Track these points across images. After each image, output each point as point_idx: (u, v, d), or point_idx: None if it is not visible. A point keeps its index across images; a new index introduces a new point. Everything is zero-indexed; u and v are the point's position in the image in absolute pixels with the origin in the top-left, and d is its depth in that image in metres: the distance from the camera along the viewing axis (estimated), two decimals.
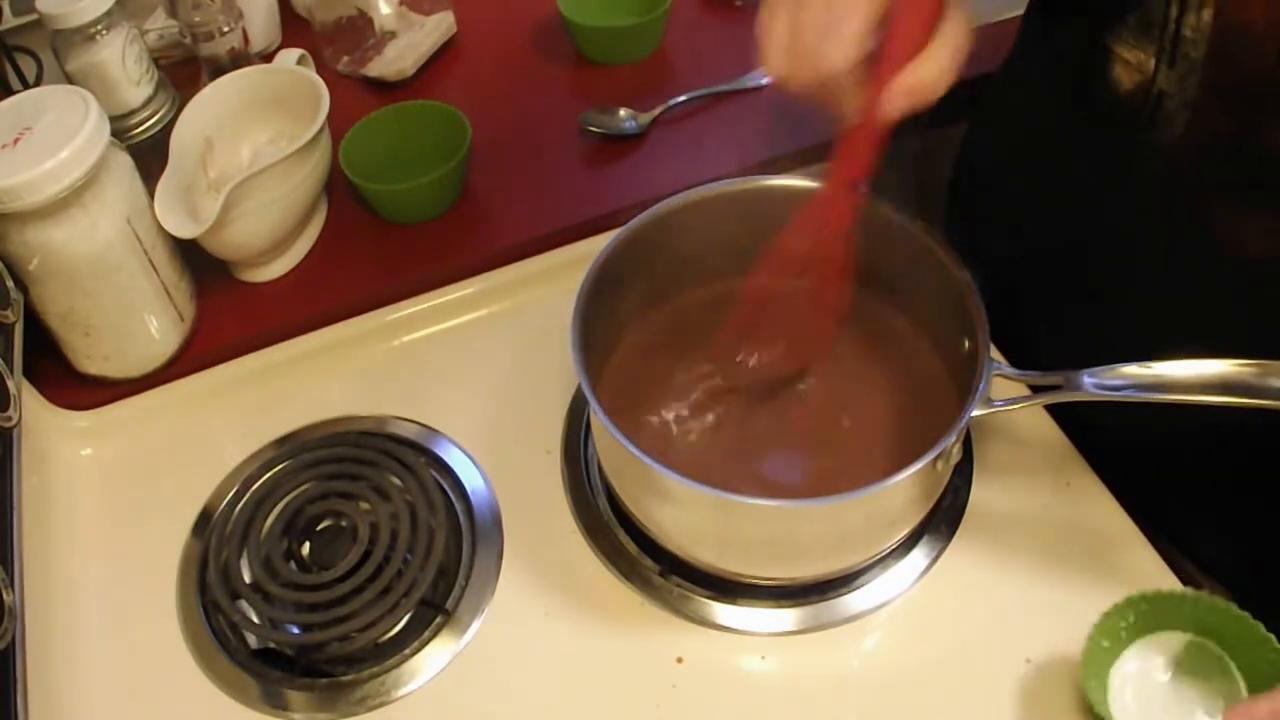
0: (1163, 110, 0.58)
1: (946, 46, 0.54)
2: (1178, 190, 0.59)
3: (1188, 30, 0.54)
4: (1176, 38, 0.55)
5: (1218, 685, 0.57)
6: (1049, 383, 0.57)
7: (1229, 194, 0.58)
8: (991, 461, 0.69)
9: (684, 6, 1.00)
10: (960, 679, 0.60)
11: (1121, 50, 0.59)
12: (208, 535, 0.69)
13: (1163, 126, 0.58)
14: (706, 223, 0.68)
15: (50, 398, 0.75)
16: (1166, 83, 0.57)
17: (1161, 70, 0.57)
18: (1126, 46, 0.59)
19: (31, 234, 0.67)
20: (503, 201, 0.87)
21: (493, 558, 0.67)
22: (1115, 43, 0.59)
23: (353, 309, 0.80)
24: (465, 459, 0.72)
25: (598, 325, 0.64)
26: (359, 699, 0.62)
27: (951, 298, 0.61)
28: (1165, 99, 0.57)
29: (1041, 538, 0.65)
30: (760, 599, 0.64)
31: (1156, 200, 0.61)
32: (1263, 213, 0.57)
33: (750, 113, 0.91)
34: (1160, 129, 0.58)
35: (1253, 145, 0.55)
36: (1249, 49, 0.53)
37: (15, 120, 0.67)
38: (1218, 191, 0.58)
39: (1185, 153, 0.58)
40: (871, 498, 0.56)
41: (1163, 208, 0.61)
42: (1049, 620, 0.62)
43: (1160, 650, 0.58)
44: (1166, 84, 0.57)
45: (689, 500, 0.57)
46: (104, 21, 0.83)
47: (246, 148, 0.85)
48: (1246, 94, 0.54)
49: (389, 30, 0.98)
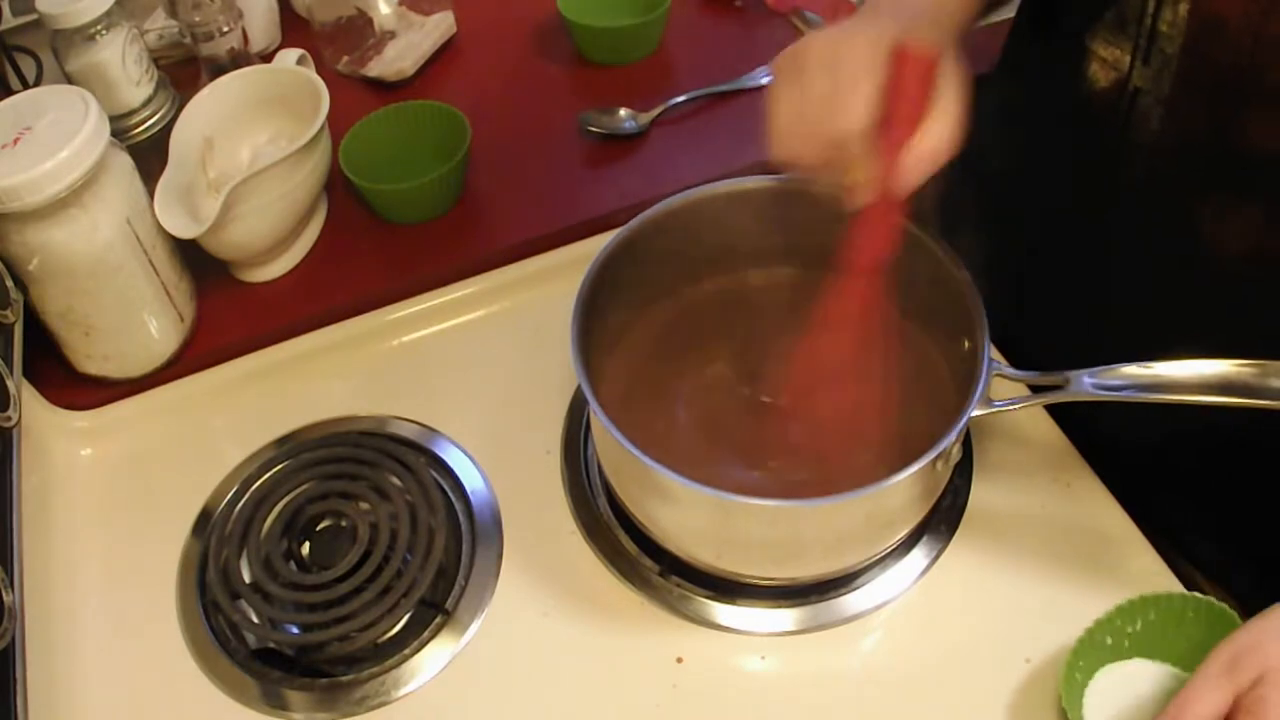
0: (1137, 108, 0.58)
1: (951, 105, 0.53)
2: (1158, 190, 0.59)
3: (1164, 25, 0.54)
4: (1153, 33, 0.55)
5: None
6: (1049, 383, 0.57)
7: (1208, 192, 0.58)
8: (991, 461, 0.69)
9: (684, 6, 1.00)
10: (960, 679, 0.60)
11: (1098, 48, 0.59)
12: (208, 535, 0.69)
13: (1139, 125, 0.58)
14: (707, 223, 0.68)
15: (50, 398, 0.75)
16: (1142, 79, 0.57)
17: (1136, 67, 0.57)
18: (1103, 44, 0.59)
19: (31, 234, 0.67)
20: (503, 201, 0.87)
21: (492, 558, 0.67)
22: (1092, 41, 0.59)
23: (353, 309, 0.80)
24: (465, 459, 0.72)
25: (598, 325, 0.64)
26: (358, 699, 0.62)
27: (951, 297, 0.61)
28: (1140, 95, 0.57)
29: (1041, 538, 0.65)
30: (760, 599, 0.64)
31: (1139, 200, 0.61)
32: (1241, 210, 0.57)
33: (750, 113, 0.91)
34: (1136, 127, 0.58)
35: (1227, 142, 0.55)
36: (1224, 42, 0.53)
37: (15, 120, 0.67)
38: (1198, 190, 0.58)
39: (1162, 151, 0.58)
40: (871, 498, 0.56)
41: (1146, 208, 0.61)
42: (1049, 620, 0.62)
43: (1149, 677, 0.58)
44: (1142, 80, 0.57)
45: (689, 500, 0.57)
46: (104, 21, 0.83)
47: (246, 148, 0.85)
48: (1220, 89, 0.54)
49: (389, 30, 0.98)
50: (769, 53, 0.95)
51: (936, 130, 0.53)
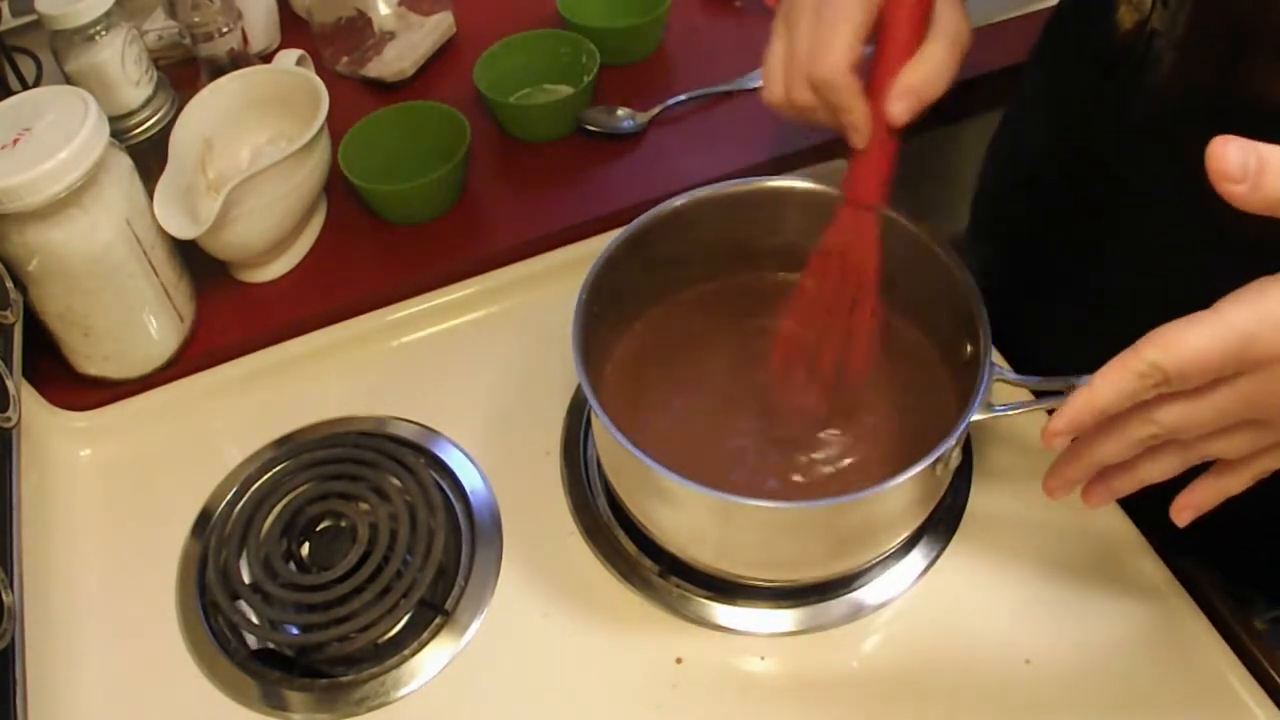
0: (1152, 50, 0.58)
1: (942, 40, 0.54)
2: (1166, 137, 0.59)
3: None
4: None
5: None
6: (1051, 388, 0.57)
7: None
8: (992, 464, 0.69)
9: (684, 6, 1.01)
10: (960, 679, 0.60)
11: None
12: (207, 535, 0.69)
13: (1151, 68, 0.58)
14: (706, 223, 0.68)
15: (50, 398, 0.75)
16: (1160, 21, 0.57)
17: (1157, 8, 0.57)
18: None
19: (31, 234, 0.67)
20: (503, 201, 0.87)
21: (492, 558, 0.67)
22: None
23: (353, 309, 0.80)
24: (465, 459, 0.72)
25: (598, 325, 0.64)
26: (358, 699, 0.62)
27: (954, 300, 0.61)
28: (1155, 38, 0.57)
29: (1041, 539, 0.65)
30: (759, 599, 0.64)
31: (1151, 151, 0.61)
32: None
33: (750, 113, 0.91)
34: (1148, 70, 0.58)
35: (1231, 90, 0.55)
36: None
37: (15, 121, 0.67)
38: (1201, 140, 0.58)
39: (1168, 97, 0.58)
40: (870, 501, 0.56)
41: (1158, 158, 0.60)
42: (1049, 621, 0.62)
43: None
44: (1159, 22, 0.57)
45: (688, 501, 0.57)
46: (103, 22, 0.83)
47: (246, 148, 0.85)
48: (1229, 35, 0.54)
49: (388, 31, 0.98)
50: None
51: (923, 66, 0.54)
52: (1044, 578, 0.64)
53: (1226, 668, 0.60)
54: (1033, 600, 0.63)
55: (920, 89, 0.54)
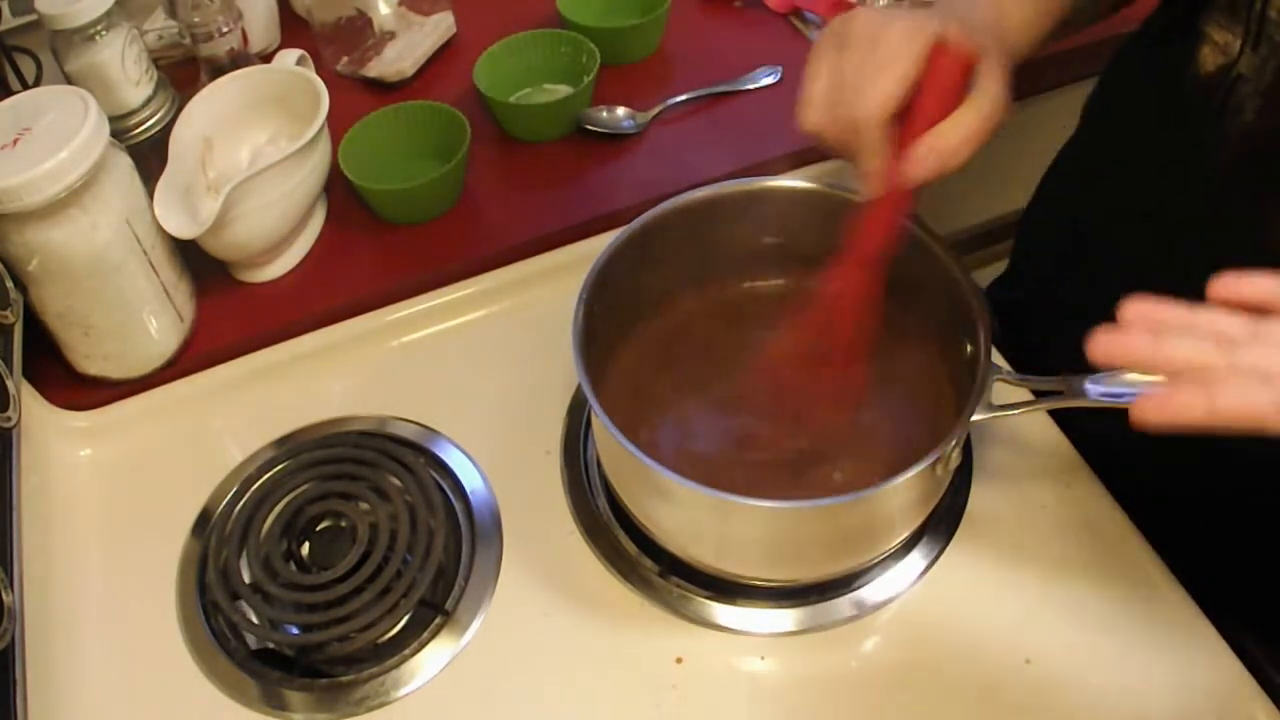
0: (1236, 95, 0.57)
1: (978, 108, 0.52)
2: (1236, 186, 0.58)
3: (1274, 11, 0.53)
4: (1262, 17, 0.54)
5: None
6: (1051, 388, 0.57)
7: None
8: (992, 463, 0.69)
9: (684, 6, 1.01)
10: (960, 679, 0.60)
11: (1211, 30, 0.58)
12: (207, 535, 0.69)
13: (1233, 114, 0.57)
14: (706, 223, 0.68)
15: (50, 398, 0.75)
16: (1248, 66, 0.56)
17: (1245, 53, 0.56)
18: (1216, 27, 0.57)
19: (31, 234, 0.67)
20: (503, 201, 0.87)
21: (492, 558, 0.67)
22: (1206, 23, 0.58)
23: (353, 309, 0.80)
24: (465, 459, 0.72)
25: (598, 325, 0.64)
26: (358, 699, 0.62)
27: (954, 300, 0.61)
28: (1241, 84, 0.56)
29: (1042, 539, 0.65)
30: (760, 599, 0.64)
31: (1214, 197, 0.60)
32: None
33: (750, 113, 0.91)
34: (1230, 116, 0.57)
35: None
36: None
37: (14, 120, 0.67)
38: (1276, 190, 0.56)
39: (1250, 144, 0.57)
40: (870, 500, 0.56)
41: (1219, 205, 0.59)
42: (1049, 621, 0.62)
43: None
44: (1248, 68, 0.56)
45: (688, 500, 0.57)
46: (103, 22, 0.83)
47: (246, 148, 0.85)
48: None
49: (388, 31, 0.98)
50: (768, 53, 0.96)
51: (954, 129, 0.52)
52: (1044, 578, 0.64)
53: (1226, 667, 0.60)
54: (1033, 600, 0.63)
55: (944, 153, 0.53)
